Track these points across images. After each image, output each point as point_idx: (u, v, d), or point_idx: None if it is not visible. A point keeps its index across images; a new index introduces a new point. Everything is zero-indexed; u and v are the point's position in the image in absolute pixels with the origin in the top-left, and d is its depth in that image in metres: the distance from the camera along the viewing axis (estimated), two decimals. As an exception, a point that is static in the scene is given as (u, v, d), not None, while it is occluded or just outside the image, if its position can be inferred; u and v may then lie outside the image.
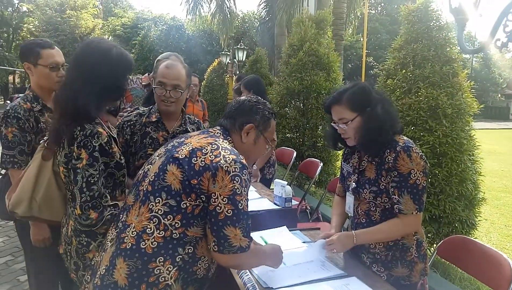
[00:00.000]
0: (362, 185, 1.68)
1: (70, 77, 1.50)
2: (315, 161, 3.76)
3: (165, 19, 28.18)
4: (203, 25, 16.51)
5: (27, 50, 1.95)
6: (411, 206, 1.52)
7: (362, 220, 1.71)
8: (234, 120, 1.44)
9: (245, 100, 1.51)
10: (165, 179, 1.21)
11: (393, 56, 3.57)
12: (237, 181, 1.19)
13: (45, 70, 1.94)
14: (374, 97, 1.61)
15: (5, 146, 1.85)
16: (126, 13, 34.29)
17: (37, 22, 24.94)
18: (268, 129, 1.49)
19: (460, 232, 3.06)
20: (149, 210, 1.19)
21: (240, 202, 1.19)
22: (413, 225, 1.59)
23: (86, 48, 1.52)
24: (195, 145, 1.25)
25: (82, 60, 1.49)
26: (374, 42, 26.91)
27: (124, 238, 1.20)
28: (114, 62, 1.49)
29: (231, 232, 1.17)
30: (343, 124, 1.61)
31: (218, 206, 1.17)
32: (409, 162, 1.51)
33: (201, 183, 1.18)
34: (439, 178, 3.07)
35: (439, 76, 3.19)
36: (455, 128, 3.10)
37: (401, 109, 3.29)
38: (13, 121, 1.84)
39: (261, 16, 19.33)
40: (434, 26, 3.36)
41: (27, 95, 1.97)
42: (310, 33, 5.71)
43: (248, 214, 1.23)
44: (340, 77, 5.95)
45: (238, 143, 1.42)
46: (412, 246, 1.64)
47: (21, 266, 3.48)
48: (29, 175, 1.58)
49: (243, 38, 23.23)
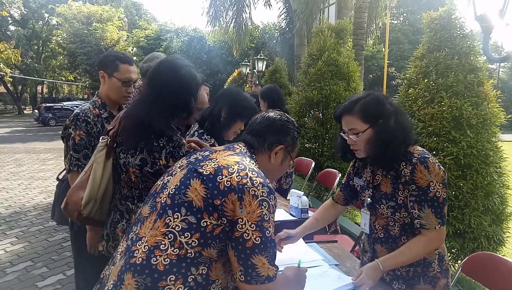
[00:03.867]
0: (378, 201, 1.60)
1: (144, 93, 1.57)
2: (333, 171, 3.69)
3: (187, 31, 28.79)
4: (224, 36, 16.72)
5: (107, 61, 2.01)
6: (433, 220, 1.45)
7: (380, 234, 1.64)
8: (263, 139, 1.36)
9: (275, 118, 1.42)
10: (186, 194, 1.14)
11: (415, 65, 3.49)
12: (265, 207, 1.12)
13: (117, 83, 2.01)
14: (388, 109, 1.52)
15: (73, 148, 1.89)
16: (150, 25, 35.20)
17: (65, 35, 25.86)
18: (295, 149, 1.44)
19: (487, 249, 2.91)
20: (166, 225, 1.12)
21: (267, 229, 1.12)
22: (437, 240, 1.50)
23: (160, 66, 1.59)
24: (221, 162, 1.18)
25: (154, 78, 1.56)
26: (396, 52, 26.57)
27: (134, 251, 1.14)
28: (183, 81, 1.54)
29: (259, 261, 1.10)
30: (353, 135, 1.54)
31: (245, 233, 1.10)
32: (427, 174, 1.43)
33: (224, 204, 1.10)
34: (463, 191, 2.94)
35: (463, 85, 3.09)
36: (480, 139, 2.98)
37: (423, 119, 3.19)
38: (82, 124, 1.89)
39: (281, 26, 19.46)
40: (458, 34, 3.27)
41: (95, 101, 2.03)
42: (329, 43, 5.67)
43: (274, 242, 1.15)
44: (360, 87, 5.87)
45: (265, 163, 1.35)
46: (434, 261, 1.56)
47: (39, 272, 3.53)
48: (97, 175, 1.63)
49: (263, 48, 23.43)
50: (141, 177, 1.56)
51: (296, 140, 1.43)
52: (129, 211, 1.64)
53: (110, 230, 1.68)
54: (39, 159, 10.33)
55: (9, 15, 29.89)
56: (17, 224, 4.87)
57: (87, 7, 26.68)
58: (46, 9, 33.75)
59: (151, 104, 1.49)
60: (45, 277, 3.43)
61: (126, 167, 1.58)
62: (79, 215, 1.64)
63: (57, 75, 37.50)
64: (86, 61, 24.85)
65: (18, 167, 8.91)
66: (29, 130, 20.69)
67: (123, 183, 1.64)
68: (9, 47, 18.81)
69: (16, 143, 14.19)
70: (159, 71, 1.57)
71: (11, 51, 18.71)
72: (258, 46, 23.95)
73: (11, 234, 4.49)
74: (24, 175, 8.03)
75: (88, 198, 1.63)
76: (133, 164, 1.55)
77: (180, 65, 1.57)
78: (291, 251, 1.84)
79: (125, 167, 1.59)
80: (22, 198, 6.13)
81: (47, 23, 35.92)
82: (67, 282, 3.35)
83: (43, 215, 5.24)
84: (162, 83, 1.52)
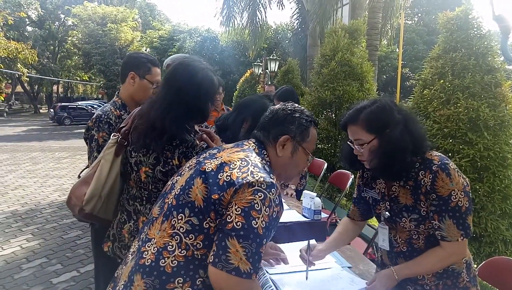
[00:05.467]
0: (398, 214, 1.49)
1: (159, 95, 1.54)
2: (346, 173, 3.65)
3: (200, 31, 28.89)
4: (236, 36, 16.75)
5: (139, 62, 2.01)
6: (455, 232, 1.35)
7: (403, 248, 1.53)
8: (267, 132, 1.31)
9: (279, 108, 1.37)
10: (189, 194, 1.11)
11: (430, 66, 3.43)
12: (259, 197, 1.05)
13: (148, 85, 2.01)
14: (395, 117, 1.40)
15: (97, 150, 1.87)
16: (163, 26, 35.49)
17: (80, 35, 26.29)
18: (307, 139, 1.34)
19: (504, 253, 2.85)
20: (172, 227, 1.10)
21: (255, 219, 1.03)
22: (459, 253, 1.41)
23: (176, 70, 1.56)
24: (225, 159, 1.16)
25: (170, 81, 1.53)
26: (410, 53, 26.21)
27: (143, 252, 1.13)
28: (197, 87, 1.50)
29: (233, 246, 1.01)
30: (359, 145, 1.44)
31: (229, 215, 1.04)
32: (449, 183, 1.33)
33: (222, 198, 1.06)
34: (480, 193, 2.89)
35: (480, 86, 3.03)
36: (498, 141, 2.92)
37: (439, 120, 3.14)
38: (104, 126, 1.88)
39: (293, 27, 19.41)
40: (475, 34, 3.21)
41: (115, 102, 2.02)
42: (342, 43, 5.63)
43: (261, 239, 1.04)
44: (373, 88, 5.81)
45: (274, 157, 1.29)
46: (462, 270, 1.46)
47: (54, 268, 3.59)
48: (103, 171, 1.61)
49: (275, 49, 23.39)
50: (152, 178, 1.54)
51: (307, 129, 1.34)
52: (137, 212, 1.61)
53: (117, 230, 1.66)
54: (54, 157, 10.52)
55: (26, 16, 30.51)
56: (32, 221, 4.96)
57: (102, 8, 27.10)
58: (62, 10, 34.32)
59: (166, 108, 1.46)
60: (59, 274, 3.49)
61: (137, 166, 1.57)
62: (81, 211, 1.62)
63: (72, 75, 38.17)
64: (101, 61, 25.22)
65: (34, 165, 9.08)
66: (44, 128, 21.08)
67: (132, 182, 1.62)
68: (26, 48, 19.18)
69: (32, 141, 14.47)
70: (175, 75, 1.53)
71: (28, 52, 19.08)
72: (270, 46, 23.92)
73: (27, 231, 4.58)
74: (39, 173, 8.18)
75: (91, 194, 1.60)
76: (146, 162, 1.54)
77: (197, 69, 1.53)
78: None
79: (136, 166, 1.57)
80: (37, 196, 6.25)
81: (63, 23, 36.53)
82: (80, 279, 3.40)
83: (58, 213, 5.34)
84: (178, 88, 1.49)
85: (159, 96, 1.54)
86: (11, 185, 6.93)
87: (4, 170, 8.35)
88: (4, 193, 6.37)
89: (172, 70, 1.57)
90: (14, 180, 7.37)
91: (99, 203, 1.63)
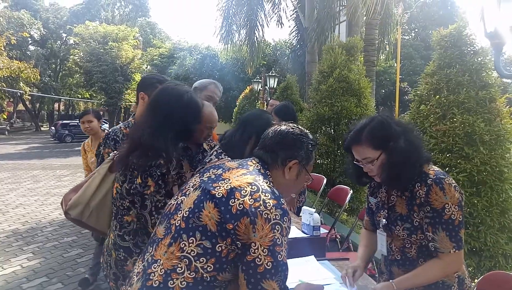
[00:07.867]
0: (393, 222, 1.57)
1: (145, 117, 1.60)
2: (344, 188, 3.68)
3: (199, 49, 29.24)
4: (236, 53, 16.98)
5: (149, 84, 2.07)
6: (448, 244, 1.41)
7: (397, 256, 1.60)
8: (276, 155, 1.32)
9: (288, 131, 1.37)
10: (200, 218, 1.12)
11: (426, 82, 3.49)
12: (278, 230, 1.09)
13: None
14: (395, 130, 1.48)
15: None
16: (163, 43, 35.94)
17: (82, 54, 26.62)
18: (310, 162, 1.39)
19: (504, 267, 2.85)
20: (180, 249, 1.11)
21: (280, 253, 1.09)
22: (454, 265, 1.46)
23: (162, 93, 1.63)
24: (234, 184, 1.16)
25: (156, 105, 1.59)
26: (408, 67, 26.48)
27: (150, 274, 1.13)
28: (184, 109, 1.58)
29: (269, 286, 1.08)
30: (368, 163, 1.50)
31: (257, 258, 1.07)
32: (442, 196, 1.40)
33: (237, 228, 1.08)
34: (478, 207, 2.90)
35: (475, 101, 3.08)
36: (494, 155, 2.95)
37: (435, 135, 3.18)
38: (111, 143, 1.95)
39: (292, 44, 19.66)
40: (469, 51, 3.28)
41: (129, 121, 2.09)
42: (340, 60, 5.72)
43: (286, 265, 1.12)
44: (371, 103, 5.88)
45: (280, 179, 1.31)
46: (453, 284, 1.51)
47: (55, 287, 3.58)
48: (93, 182, 1.72)
49: (274, 65, 23.63)
50: (119, 194, 1.58)
51: (311, 153, 1.38)
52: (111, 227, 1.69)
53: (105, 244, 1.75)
54: (55, 175, 10.54)
55: (29, 36, 30.98)
56: (33, 240, 4.96)
57: (103, 27, 27.54)
58: (64, 29, 34.92)
59: (155, 131, 1.51)
60: (60, 293, 3.47)
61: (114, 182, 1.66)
62: (66, 214, 1.73)
63: (73, 93, 38.54)
64: (102, 79, 25.49)
65: (35, 183, 9.10)
66: (46, 146, 21.14)
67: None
68: (29, 67, 19.42)
69: (33, 159, 14.51)
70: (161, 99, 1.59)
71: (30, 71, 19.32)
72: (269, 63, 24.17)
73: (27, 250, 4.57)
74: (40, 191, 8.20)
75: (76, 201, 1.70)
76: (118, 179, 1.60)
77: (181, 92, 1.61)
78: (302, 268, 1.85)
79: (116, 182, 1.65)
80: (38, 214, 6.25)
81: (64, 42, 37.11)
82: (81, 298, 3.38)
83: (59, 231, 5.33)
84: (164, 112, 1.55)
85: (144, 117, 1.61)
86: (12, 204, 6.94)
87: (5, 189, 8.36)
88: (5, 211, 6.38)
89: (157, 96, 1.63)
90: (15, 199, 7.38)
91: (86, 211, 1.71)
